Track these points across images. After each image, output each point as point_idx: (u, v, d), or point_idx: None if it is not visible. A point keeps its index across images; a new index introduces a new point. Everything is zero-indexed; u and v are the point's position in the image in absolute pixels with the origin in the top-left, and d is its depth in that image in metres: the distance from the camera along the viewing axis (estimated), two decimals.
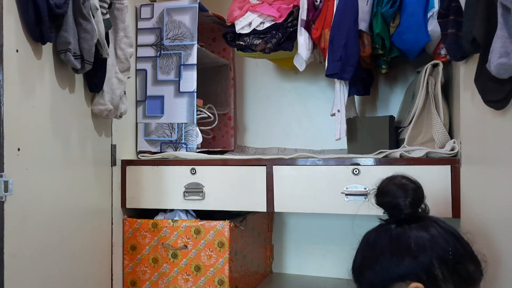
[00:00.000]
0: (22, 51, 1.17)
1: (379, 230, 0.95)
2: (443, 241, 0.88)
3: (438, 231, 0.89)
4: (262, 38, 1.70)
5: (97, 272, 1.53)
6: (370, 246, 0.94)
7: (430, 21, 1.47)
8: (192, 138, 1.72)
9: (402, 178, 0.96)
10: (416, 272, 0.86)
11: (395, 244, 0.89)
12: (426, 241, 0.87)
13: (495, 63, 0.83)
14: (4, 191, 1.10)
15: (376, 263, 0.90)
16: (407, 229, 0.90)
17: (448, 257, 0.86)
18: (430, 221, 0.92)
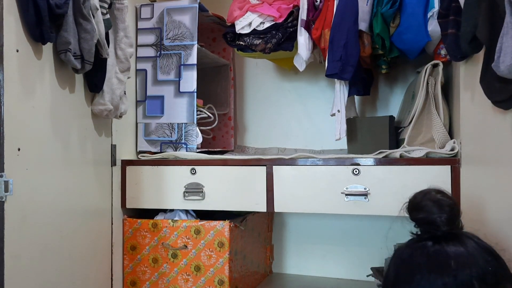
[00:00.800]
0: (22, 51, 1.17)
1: (414, 246, 0.92)
2: (483, 259, 0.86)
3: (477, 249, 0.87)
4: (262, 38, 1.70)
5: (97, 272, 1.53)
6: (405, 262, 0.91)
7: (430, 21, 1.47)
8: (192, 138, 1.72)
9: (437, 193, 0.93)
10: None
11: (433, 262, 0.87)
12: (465, 259, 0.85)
13: (508, 63, 0.81)
14: (4, 191, 1.10)
15: (412, 281, 0.87)
16: (445, 246, 0.87)
17: (488, 276, 0.84)
18: (467, 238, 0.90)
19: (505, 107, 0.95)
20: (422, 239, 0.92)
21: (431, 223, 0.90)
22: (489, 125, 1.03)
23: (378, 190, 1.43)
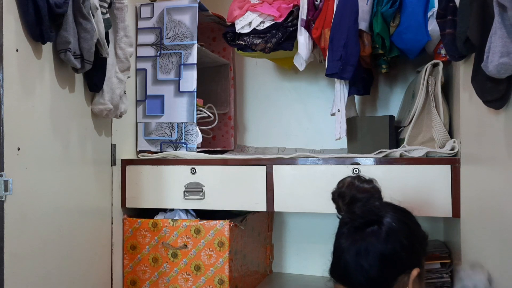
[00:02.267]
0: (22, 51, 1.17)
1: (363, 236, 0.95)
2: (413, 224, 0.98)
3: (406, 218, 0.98)
4: (262, 38, 1.70)
5: (97, 271, 1.53)
6: (363, 253, 0.93)
7: (430, 20, 1.47)
8: (192, 137, 1.72)
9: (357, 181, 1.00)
10: (411, 262, 0.92)
11: (388, 245, 0.92)
12: (406, 229, 0.94)
13: (496, 63, 0.82)
14: (4, 191, 1.10)
15: (374, 268, 0.92)
16: (387, 226, 0.93)
17: (422, 235, 0.98)
18: (396, 211, 0.98)
19: (496, 107, 0.96)
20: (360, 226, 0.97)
21: (370, 211, 0.97)
22: (489, 125, 1.03)
23: None
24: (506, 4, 0.79)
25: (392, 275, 0.91)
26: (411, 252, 0.93)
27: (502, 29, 0.81)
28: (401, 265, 0.92)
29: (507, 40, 0.80)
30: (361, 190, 0.99)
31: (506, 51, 0.81)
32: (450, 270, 1.50)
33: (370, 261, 0.91)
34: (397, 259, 0.91)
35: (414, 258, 0.93)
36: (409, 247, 0.92)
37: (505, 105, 0.93)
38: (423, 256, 0.97)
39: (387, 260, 0.91)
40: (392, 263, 0.91)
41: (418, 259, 0.95)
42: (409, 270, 0.91)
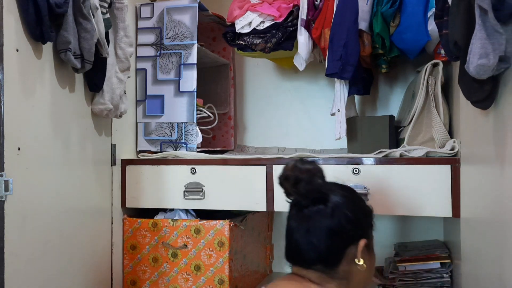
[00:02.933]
0: (22, 51, 1.17)
1: (310, 214, 0.99)
2: (356, 198, 1.04)
3: (349, 193, 1.03)
4: (262, 38, 1.70)
5: (97, 271, 1.53)
6: (311, 230, 0.98)
7: (430, 20, 1.47)
8: (192, 137, 1.72)
9: (299, 164, 1.03)
10: (358, 233, 0.98)
11: (334, 219, 0.97)
12: (352, 206, 1.00)
13: (475, 64, 0.84)
14: (4, 191, 1.10)
15: (323, 243, 0.97)
16: (332, 202, 0.98)
17: (365, 208, 1.04)
18: (339, 188, 1.03)
19: (482, 107, 0.97)
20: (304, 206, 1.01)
21: (313, 190, 1.00)
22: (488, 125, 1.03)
23: (378, 190, 1.43)
24: (485, 7, 0.80)
25: (340, 247, 0.97)
26: (356, 225, 0.98)
27: (482, 31, 0.83)
28: (348, 237, 0.97)
29: (486, 41, 0.82)
30: (303, 170, 1.02)
31: (484, 53, 0.82)
32: (450, 270, 1.50)
33: (319, 236, 0.97)
34: (344, 232, 0.97)
35: (360, 230, 0.99)
36: (354, 220, 0.98)
37: (491, 105, 0.93)
38: (370, 228, 1.03)
39: (335, 234, 0.96)
40: (340, 236, 0.97)
41: (365, 231, 1.01)
42: (356, 241, 0.97)
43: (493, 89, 0.90)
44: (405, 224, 1.88)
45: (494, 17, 0.81)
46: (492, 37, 0.82)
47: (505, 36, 0.81)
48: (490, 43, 0.82)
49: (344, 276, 0.97)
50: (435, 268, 1.51)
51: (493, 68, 0.83)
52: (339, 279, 0.97)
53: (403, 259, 1.56)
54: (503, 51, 0.82)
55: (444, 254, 1.55)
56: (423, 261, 1.53)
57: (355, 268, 0.97)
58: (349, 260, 0.97)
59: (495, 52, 0.82)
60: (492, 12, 0.80)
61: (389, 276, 1.55)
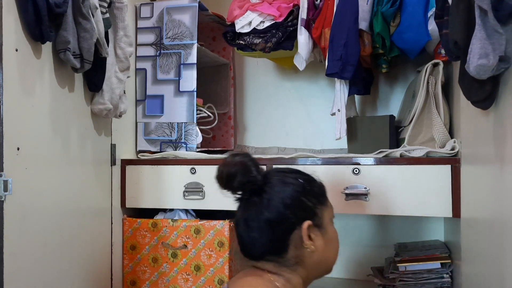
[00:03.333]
0: (21, 51, 1.17)
1: (248, 208, 0.99)
2: (298, 180, 1.00)
3: (288, 177, 1.00)
4: (262, 37, 1.70)
5: (96, 271, 1.52)
6: (251, 224, 0.98)
7: (430, 20, 1.47)
8: (192, 137, 1.72)
9: (229, 158, 1.00)
10: (300, 217, 0.96)
11: (272, 209, 0.96)
12: (289, 189, 0.98)
13: (475, 64, 0.84)
14: (3, 191, 1.09)
15: (264, 235, 0.96)
16: (268, 192, 0.97)
17: (306, 187, 1.00)
18: (276, 174, 1.01)
19: (483, 107, 0.96)
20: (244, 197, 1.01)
21: (249, 182, 0.98)
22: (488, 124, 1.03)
23: (378, 190, 1.42)
24: (485, 7, 0.80)
25: (283, 236, 0.96)
26: (297, 209, 0.96)
27: (481, 31, 0.83)
28: (290, 224, 0.96)
29: (486, 42, 0.82)
30: (233, 164, 0.98)
31: (484, 53, 0.82)
32: (450, 270, 1.50)
33: (259, 229, 0.96)
34: (284, 219, 0.96)
35: (302, 213, 0.97)
36: (294, 205, 0.96)
37: (491, 105, 0.93)
38: (318, 205, 1.00)
39: (274, 224, 0.95)
40: (280, 225, 0.96)
41: (309, 212, 0.98)
42: (299, 225, 0.96)
43: (493, 89, 0.90)
44: (405, 224, 1.88)
45: (494, 17, 0.81)
46: (492, 37, 0.82)
47: (505, 36, 0.81)
48: (490, 43, 0.82)
49: (296, 261, 0.97)
50: (435, 268, 1.51)
51: (493, 68, 0.83)
52: (292, 265, 0.97)
53: (404, 259, 1.56)
54: (503, 51, 0.82)
55: (445, 254, 1.54)
56: (424, 261, 1.52)
57: (305, 251, 0.97)
58: (297, 245, 0.96)
59: (495, 52, 0.82)
60: (492, 12, 0.81)
61: (389, 276, 1.55)
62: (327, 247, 1.00)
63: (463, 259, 1.32)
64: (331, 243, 1.02)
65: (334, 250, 1.04)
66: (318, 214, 0.99)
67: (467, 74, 0.90)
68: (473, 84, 0.95)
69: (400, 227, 1.89)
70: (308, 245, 0.96)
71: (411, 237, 1.86)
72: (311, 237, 0.97)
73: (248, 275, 0.99)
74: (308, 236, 0.96)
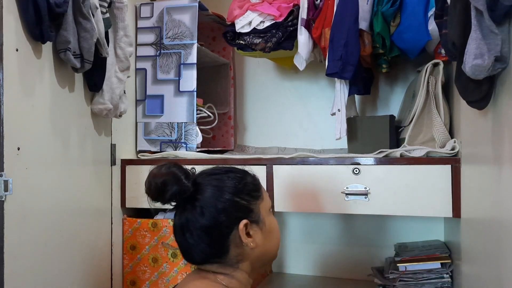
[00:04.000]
0: (22, 50, 1.17)
1: (182, 215, 0.98)
2: (229, 181, 0.99)
3: (218, 180, 0.99)
4: (262, 37, 1.70)
5: (96, 271, 1.52)
6: (187, 233, 0.97)
7: (431, 20, 1.47)
8: (192, 137, 1.72)
9: (155, 169, 0.98)
10: (235, 219, 0.96)
11: (205, 216, 0.95)
12: (220, 193, 0.97)
13: (470, 65, 0.84)
14: (4, 191, 1.09)
15: (202, 241, 0.96)
16: (200, 199, 0.96)
17: (237, 187, 0.99)
18: (206, 178, 1.00)
19: (478, 107, 0.96)
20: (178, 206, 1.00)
21: (180, 192, 0.96)
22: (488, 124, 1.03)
23: (379, 190, 1.42)
24: (481, 8, 0.81)
25: (222, 239, 0.96)
26: (231, 211, 0.96)
27: (477, 31, 0.83)
28: (226, 226, 0.96)
29: (481, 42, 0.82)
30: (161, 175, 0.96)
31: (479, 53, 0.83)
32: (450, 270, 1.50)
33: (196, 237, 0.96)
34: (219, 224, 0.95)
35: (238, 213, 0.97)
36: (228, 207, 0.96)
37: (486, 105, 0.94)
38: (252, 201, 0.99)
39: (211, 230, 0.95)
40: (217, 230, 0.95)
41: (244, 211, 0.98)
42: (236, 225, 0.96)
43: (489, 89, 0.91)
44: (405, 224, 1.88)
45: (490, 17, 0.81)
46: (488, 38, 0.82)
47: (500, 36, 0.82)
48: (485, 44, 0.82)
49: (239, 259, 0.98)
50: (435, 269, 1.51)
51: (488, 68, 0.83)
52: (236, 263, 0.98)
53: (404, 259, 1.56)
54: (499, 51, 0.82)
55: (445, 254, 1.54)
56: (424, 261, 1.52)
57: (246, 248, 0.97)
58: (237, 244, 0.97)
59: (491, 52, 0.82)
60: (487, 13, 0.81)
61: (389, 276, 1.55)
62: (268, 239, 1.02)
63: (463, 259, 1.32)
64: (271, 234, 1.04)
65: (275, 239, 1.06)
66: (254, 210, 0.99)
67: (463, 74, 0.91)
68: (469, 84, 0.95)
69: (400, 227, 1.89)
70: (248, 243, 0.97)
71: (411, 237, 1.86)
72: (250, 233, 0.97)
73: (194, 279, 0.99)
74: (246, 234, 0.97)
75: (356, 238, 1.93)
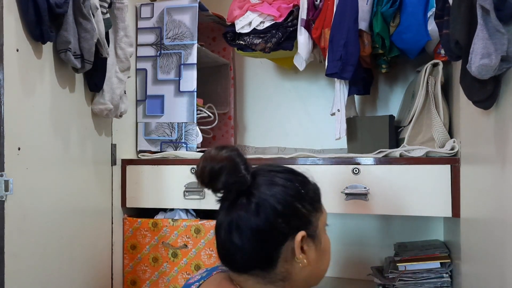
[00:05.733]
0: (22, 51, 1.17)
1: (232, 211, 0.86)
2: (292, 183, 0.87)
3: (281, 179, 0.87)
4: (262, 38, 1.70)
5: (97, 271, 1.53)
6: (234, 230, 0.84)
7: (430, 20, 1.47)
8: (192, 137, 1.72)
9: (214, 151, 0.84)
10: (293, 227, 0.84)
11: (260, 216, 0.83)
12: (281, 193, 0.85)
13: (477, 64, 0.84)
14: (4, 191, 1.10)
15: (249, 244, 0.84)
16: (257, 195, 0.84)
17: (301, 191, 0.87)
18: (267, 175, 0.88)
19: (484, 107, 0.96)
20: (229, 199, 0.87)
21: (238, 181, 0.84)
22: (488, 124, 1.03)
23: (378, 190, 1.43)
24: (488, 7, 0.80)
25: (273, 247, 0.83)
26: (290, 218, 0.84)
27: (484, 31, 0.82)
28: (281, 234, 0.83)
29: (488, 41, 0.82)
30: (219, 159, 0.82)
31: (486, 53, 0.82)
32: (450, 269, 1.50)
33: (246, 238, 0.83)
34: (274, 229, 0.83)
35: (297, 221, 0.85)
36: (287, 212, 0.84)
37: (492, 105, 0.93)
38: (313, 212, 0.88)
39: (262, 233, 0.82)
40: (270, 235, 0.83)
41: (304, 220, 0.86)
42: (293, 236, 0.83)
43: (494, 89, 0.90)
44: (405, 224, 1.88)
45: (496, 17, 0.81)
46: (494, 37, 0.82)
47: (507, 36, 0.81)
48: (492, 43, 0.82)
49: (284, 276, 0.85)
50: (435, 268, 1.51)
51: (495, 68, 0.83)
52: (278, 281, 0.85)
53: (403, 259, 1.56)
54: (505, 51, 0.82)
55: (444, 254, 1.55)
56: (423, 261, 1.53)
57: (296, 266, 0.84)
58: (288, 259, 0.84)
59: (497, 52, 0.82)
60: (494, 12, 0.80)
61: (389, 276, 1.55)
62: (320, 260, 0.89)
63: (462, 259, 1.32)
64: (324, 254, 0.91)
65: (326, 262, 0.92)
66: (313, 222, 0.87)
67: (468, 74, 0.90)
68: (474, 84, 0.95)
69: (400, 227, 1.89)
70: (301, 259, 0.84)
71: (411, 237, 1.86)
72: (304, 249, 0.85)
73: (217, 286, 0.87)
74: (301, 249, 0.84)
75: (356, 237, 1.94)
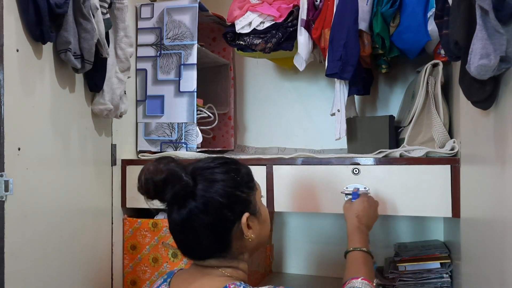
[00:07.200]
0: (22, 51, 1.17)
1: (181, 212, 0.96)
2: (226, 174, 0.98)
3: (217, 175, 0.97)
4: (262, 38, 1.70)
5: (97, 271, 1.53)
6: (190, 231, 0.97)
7: (430, 21, 1.47)
8: (192, 137, 1.72)
9: (158, 165, 0.97)
10: (237, 212, 0.96)
11: (209, 213, 0.94)
12: (221, 187, 0.95)
13: (476, 65, 0.84)
14: (4, 191, 1.10)
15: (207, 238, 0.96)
16: (201, 196, 0.94)
17: (237, 180, 0.98)
18: (203, 173, 0.97)
19: (483, 107, 0.96)
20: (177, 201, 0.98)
21: (183, 189, 0.94)
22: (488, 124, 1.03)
23: (378, 190, 1.43)
24: (486, 7, 0.80)
25: (225, 234, 0.96)
26: (234, 205, 0.96)
27: (482, 31, 0.82)
28: (229, 222, 0.96)
29: (487, 42, 0.82)
30: (160, 172, 0.95)
31: (485, 53, 0.82)
32: (450, 270, 1.50)
33: (198, 233, 0.95)
34: (223, 220, 0.95)
35: (239, 206, 0.97)
36: (230, 202, 0.95)
37: (491, 105, 0.93)
38: (250, 192, 1.00)
39: (214, 226, 0.95)
40: (220, 226, 0.95)
41: (245, 204, 0.98)
42: (238, 219, 0.96)
43: (494, 89, 0.90)
44: (405, 224, 1.88)
45: (495, 17, 0.81)
46: (493, 38, 0.82)
47: (506, 36, 0.81)
48: (491, 44, 0.82)
49: (240, 250, 0.99)
50: (435, 268, 1.51)
51: (494, 68, 0.83)
52: (237, 255, 0.99)
53: (403, 259, 1.56)
54: (504, 51, 0.82)
55: (444, 254, 1.55)
56: (423, 261, 1.53)
57: (246, 240, 0.98)
58: (238, 237, 0.97)
59: (496, 52, 0.82)
60: (493, 13, 0.81)
61: (389, 276, 1.56)
62: (263, 227, 1.03)
63: (462, 259, 1.32)
64: (265, 222, 1.04)
65: (267, 226, 1.06)
66: (252, 201, 1.00)
67: (467, 74, 0.90)
68: (473, 84, 0.95)
69: (400, 227, 1.89)
70: (249, 235, 0.97)
71: (411, 237, 1.86)
72: (250, 225, 0.98)
73: (198, 277, 0.98)
74: (247, 227, 0.97)
75: None
